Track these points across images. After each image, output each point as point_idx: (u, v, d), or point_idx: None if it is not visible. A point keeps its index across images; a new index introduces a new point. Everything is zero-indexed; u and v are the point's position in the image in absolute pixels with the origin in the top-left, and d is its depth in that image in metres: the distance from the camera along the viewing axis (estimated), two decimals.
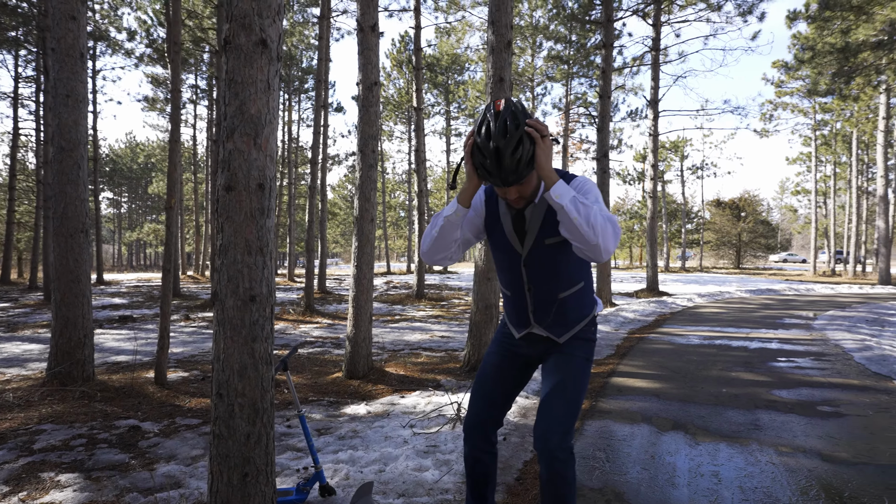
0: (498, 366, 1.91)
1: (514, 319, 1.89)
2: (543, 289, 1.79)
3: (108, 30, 19.92)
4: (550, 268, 1.76)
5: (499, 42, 5.27)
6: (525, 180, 1.62)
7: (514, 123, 1.54)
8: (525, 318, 1.85)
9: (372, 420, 3.80)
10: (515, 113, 1.56)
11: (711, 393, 4.34)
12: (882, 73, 15.16)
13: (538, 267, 1.77)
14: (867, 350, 6.17)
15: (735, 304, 13.08)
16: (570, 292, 1.80)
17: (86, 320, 4.72)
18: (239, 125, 2.00)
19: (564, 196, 1.52)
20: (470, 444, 1.88)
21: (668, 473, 2.72)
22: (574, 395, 1.72)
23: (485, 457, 1.87)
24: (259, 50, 2.02)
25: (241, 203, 2.00)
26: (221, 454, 2.00)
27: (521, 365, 1.91)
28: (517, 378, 1.92)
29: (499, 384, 1.90)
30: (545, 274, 1.77)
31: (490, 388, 1.89)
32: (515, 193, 1.65)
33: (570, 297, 1.80)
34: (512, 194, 1.65)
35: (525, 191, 1.66)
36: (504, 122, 1.54)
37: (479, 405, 1.89)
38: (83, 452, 3.22)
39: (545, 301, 1.80)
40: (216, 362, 2.03)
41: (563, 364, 1.79)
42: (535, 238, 1.73)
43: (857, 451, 3.01)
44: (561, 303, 1.79)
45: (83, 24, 4.76)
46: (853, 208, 28.74)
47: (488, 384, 1.90)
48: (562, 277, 1.78)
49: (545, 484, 1.67)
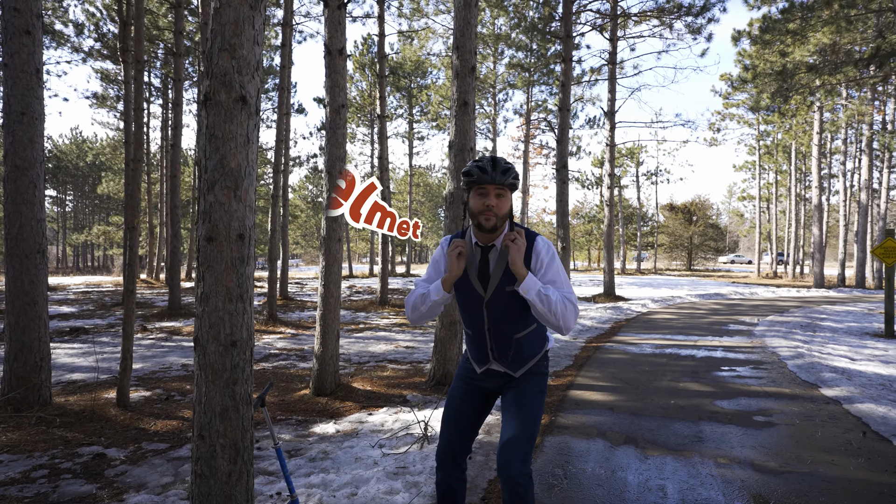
0: (462, 399, 2.14)
1: (476, 356, 2.12)
2: (502, 329, 2.02)
3: (54, 22, 18.98)
4: (509, 311, 2.00)
5: (463, 67, 5.46)
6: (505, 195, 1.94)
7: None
8: (485, 355, 2.08)
9: (342, 440, 3.90)
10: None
11: (661, 405, 4.67)
12: (815, 92, 16.31)
13: (498, 309, 2.00)
14: (799, 358, 6.71)
15: (686, 309, 13.79)
16: (526, 332, 2.03)
17: (42, 343, 4.61)
18: (220, 178, 2.10)
19: (531, 291, 1.86)
20: (443, 472, 2.08)
21: (620, 489, 2.97)
22: (529, 425, 1.95)
23: (456, 483, 2.09)
24: (239, 106, 2.12)
25: (222, 253, 2.10)
26: (203, 493, 2.09)
27: (483, 397, 2.15)
28: (480, 408, 2.15)
29: (465, 416, 2.12)
30: (505, 316, 2.01)
31: (458, 420, 2.11)
32: (494, 200, 1.93)
33: (525, 337, 2.04)
34: (491, 200, 1.92)
35: (501, 207, 1.93)
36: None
37: (449, 435, 2.10)
38: (46, 485, 3.19)
39: (503, 341, 2.03)
40: (197, 405, 2.12)
41: (519, 397, 2.03)
42: (497, 284, 1.97)
43: (784, 460, 3.36)
44: (517, 342, 2.03)
45: (39, 38, 4.65)
46: (793, 214, 30.64)
47: (456, 416, 2.12)
48: (519, 320, 2.01)
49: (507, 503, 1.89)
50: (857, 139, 26.52)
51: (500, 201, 1.93)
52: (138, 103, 4.98)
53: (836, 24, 12.95)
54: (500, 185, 1.91)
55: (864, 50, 15.17)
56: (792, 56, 14.65)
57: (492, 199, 1.91)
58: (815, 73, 13.29)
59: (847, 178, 25.15)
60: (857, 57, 13.90)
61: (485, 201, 1.92)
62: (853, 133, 26.30)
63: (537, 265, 1.96)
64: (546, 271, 1.95)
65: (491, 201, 1.91)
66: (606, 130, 16.42)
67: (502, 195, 1.94)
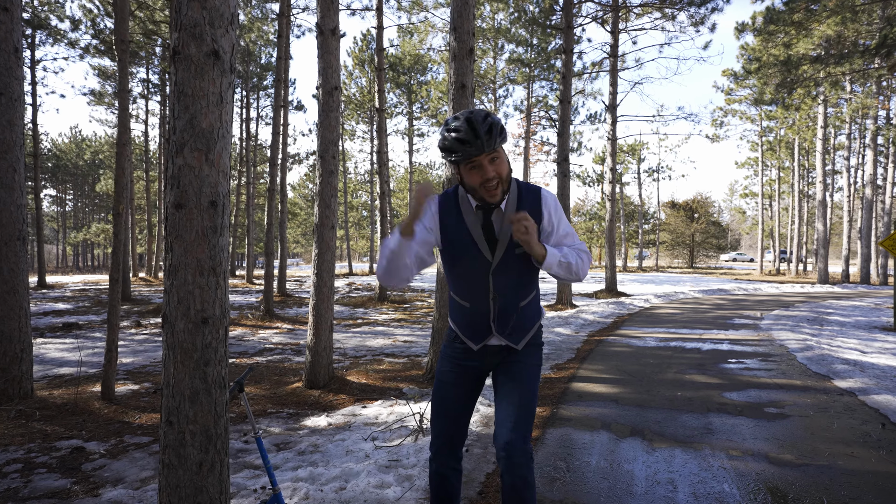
0: (453, 383, 1.92)
1: (470, 332, 1.88)
2: (508, 297, 1.82)
3: (49, 18, 18.81)
4: (518, 276, 1.81)
5: (461, 49, 5.27)
6: (499, 156, 1.69)
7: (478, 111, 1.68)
8: (485, 329, 1.84)
9: (333, 433, 3.72)
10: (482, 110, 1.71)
11: (667, 397, 4.48)
12: (820, 85, 16.09)
13: (506, 276, 1.79)
14: (808, 350, 6.52)
15: (689, 304, 13.59)
16: (529, 300, 1.88)
17: (23, 333, 4.43)
18: (189, 140, 1.91)
19: (553, 264, 1.72)
20: (437, 462, 1.91)
21: (627, 482, 2.78)
22: (529, 400, 1.79)
23: (451, 474, 1.91)
24: (211, 61, 1.93)
25: (192, 221, 1.92)
26: (171, 484, 1.91)
27: (475, 377, 1.94)
28: (473, 390, 1.96)
29: (457, 401, 1.92)
30: (512, 283, 1.80)
31: (449, 405, 1.92)
32: (492, 171, 1.66)
33: (528, 305, 1.88)
34: (489, 171, 1.66)
35: (501, 170, 1.69)
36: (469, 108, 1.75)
37: (442, 424, 1.91)
38: (18, 479, 3.02)
39: (507, 310, 1.83)
40: (166, 388, 1.93)
41: (517, 372, 1.84)
42: (506, 248, 1.75)
43: (800, 453, 3.17)
44: (521, 311, 1.85)
45: (17, 16, 4.46)
46: (795, 211, 30.40)
47: (447, 402, 1.92)
48: (525, 287, 1.84)
49: (508, 489, 1.69)
50: (860, 135, 26.29)
51: (497, 166, 1.66)
52: (123, 85, 4.79)
53: (842, 14, 12.74)
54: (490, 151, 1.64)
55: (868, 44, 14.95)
56: (796, 49, 14.43)
57: (488, 170, 1.64)
58: (821, 64, 13.07)
59: (851, 174, 24.93)
60: (862, 48, 13.69)
61: (482, 174, 1.65)
62: (857, 129, 26.08)
63: (550, 224, 1.81)
64: (559, 226, 1.82)
65: (488, 172, 1.64)
66: (608, 124, 16.21)
67: (497, 157, 1.67)
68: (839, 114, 23.50)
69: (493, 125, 1.64)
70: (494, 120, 1.65)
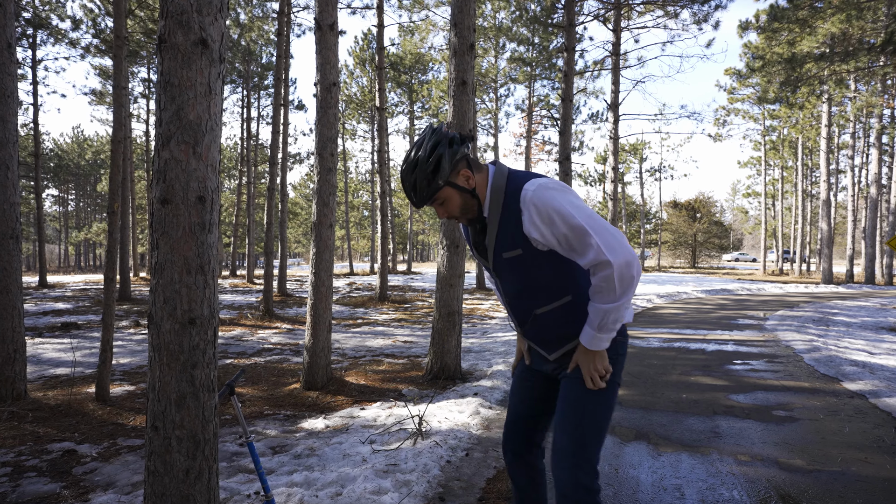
0: (521, 376, 1.85)
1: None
2: (521, 302, 1.67)
3: (50, 17, 18.77)
4: (519, 282, 1.64)
5: (461, 44, 5.19)
6: (443, 197, 1.59)
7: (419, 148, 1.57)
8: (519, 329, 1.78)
9: (330, 435, 3.64)
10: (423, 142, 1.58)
11: (672, 399, 4.38)
12: (824, 83, 15.96)
13: (508, 282, 1.68)
14: (815, 351, 6.41)
15: (692, 304, 13.48)
16: (550, 308, 1.61)
17: (16, 334, 4.35)
18: (176, 132, 1.83)
19: (592, 341, 1.52)
20: (506, 461, 1.85)
21: (632, 488, 2.69)
22: (575, 423, 1.53)
23: (520, 477, 1.82)
24: (199, 50, 1.85)
25: (179, 217, 1.83)
26: (157, 492, 1.83)
27: (542, 378, 1.78)
28: (541, 388, 1.78)
29: (525, 392, 1.82)
30: (516, 288, 1.66)
31: (515, 402, 1.84)
32: (443, 213, 1.64)
33: (549, 314, 1.62)
34: (440, 214, 1.65)
35: (450, 209, 1.62)
36: (417, 145, 1.58)
37: (512, 413, 1.84)
38: (7, 483, 2.94)
39: (524, 316, 1.69)
40: (151, 391, 1.85)
41: (566, 389, 1.61)
42: (494, 252, 1.64)
43: (811, 458, 3.07)
44: (539, 320, 1.64)
45: (10, 11, 4.38)
46: (799, 210, 30.23)
47: (517, 393, 1.85)
48: (536, 292, 1.62)
49: None
50: (865, 133, 26.13)
51: (445, 207, 1.62)
52: (118, 81, 4.71)
53: (847, 11, 12.61)
54: (431, 203, 1.62)
55: (874, 42, 14.82)
56: (800, 47, 14.31)
57: (439, 212, 1.64)
58: (826, 62, 12.95)
59: (855, 173, 24.78)
60: (867, 46, 13.55)
61: (438, 214, 1.66)
62: (861, 127, 25.91)
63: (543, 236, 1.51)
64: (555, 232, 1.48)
65: (440, 214, 1.65)
66: (610, 123, 16.10)
67: (442, 199, 1.60)
68: (843, 112, 23.34)
69: (416, 183, 1.55)
70: (419, 174, 1.55)
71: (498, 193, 1.58)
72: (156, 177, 1.85)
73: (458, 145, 1.58)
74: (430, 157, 1.54)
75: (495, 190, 1.59)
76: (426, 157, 1.54)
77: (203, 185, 1.87)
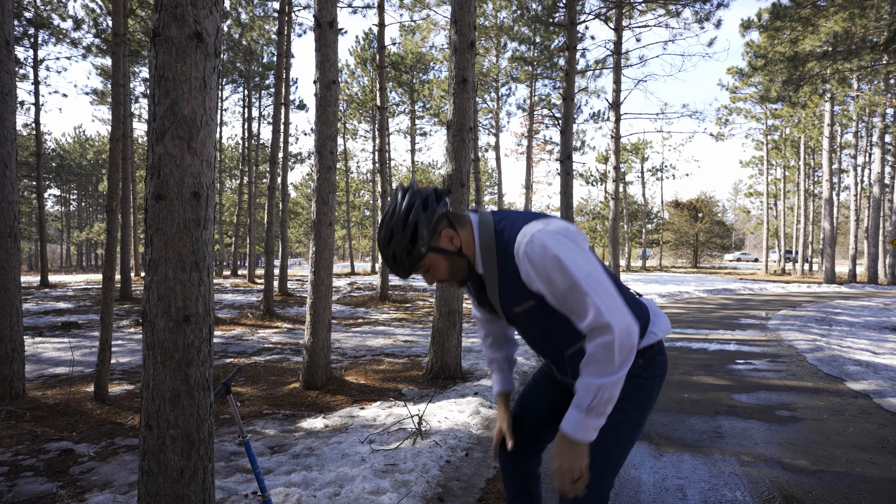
0: (537, 380, 1.70)
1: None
2: (545, 346, 1.54)
3: (51, 17, 18.78)
4: (541, 329, 1.50)
5: (462, 42, 5.16)
6: (427, 263, 1.44)
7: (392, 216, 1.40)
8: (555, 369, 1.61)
9: (329, 435, 3.61)
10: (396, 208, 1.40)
11: (674, 399, 4.34)
12: (827, 81, 15.89)
13: (527, 328, 1.53)
14: (818, 350, 6.37)
15: (694, 304, 13.43)
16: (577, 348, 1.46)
17: (15, 333, 4.33)
18: (170, 127, 1.80)
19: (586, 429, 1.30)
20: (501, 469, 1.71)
21: (633, 489, 2.66)
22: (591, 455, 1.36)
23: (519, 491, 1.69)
24: (193, 44, 1.82)
25: (174, 213, 1.80)
26: (151, 493, 1.80)
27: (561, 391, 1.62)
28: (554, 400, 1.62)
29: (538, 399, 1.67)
30: (537, 336, 1.53)
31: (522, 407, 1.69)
32: (430, 279, 1.49)
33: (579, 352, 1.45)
34: (428, 280, 1.50)
35: (437, 274, 1.47)
36: (390, 212, 1.41)
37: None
38: (3, 483, 2.92)
39: (556, 357, 1.55)
40: (145, 390, 1.82)
41: None
42: (502, 308, 1.51)
43: (815, 458, 3.04)
44: (571, 359, 1.49)
45: (9, 8, 4.36)
46: (801, 210, 30.14)
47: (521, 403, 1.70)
48: (562, 335, 1.47)
49: None
50: (868, 133, 26.03)
51: (431, 273, 1.48)
52: (117, 79, 4.69)
53: (850, 10, 12.55)
54: (416, 271, 1.47)
55: (877, 40, 14.75)
56: (802, 46, 14.24)
57: (427, 279, 1.50)
58: (828, 61, 12.89)
59: (858, 172, 24.67)
60: (870, 44, 13.49)
61: (427, 281, 1.53)
62: (864, 127, 25.82)
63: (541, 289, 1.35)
64: (554, 298, 1.33)
65: (428, 281, 1.51)
66: (611, 123, 16.05)
67: (427, 266, 1.46)
68: (846, 111, 23.26)
69: (395, 255, 1.40)
70: (395, 246, 1.39)
71: (488, 252, 1.42)
72: (150, 172, 1.82)
73: (434, 204, 1.40)
74: (405, 225, 1.38)
75: (484, 248, 1.43)
76: (401, 227, 1.38)
77: (198, 181, 1.85)
